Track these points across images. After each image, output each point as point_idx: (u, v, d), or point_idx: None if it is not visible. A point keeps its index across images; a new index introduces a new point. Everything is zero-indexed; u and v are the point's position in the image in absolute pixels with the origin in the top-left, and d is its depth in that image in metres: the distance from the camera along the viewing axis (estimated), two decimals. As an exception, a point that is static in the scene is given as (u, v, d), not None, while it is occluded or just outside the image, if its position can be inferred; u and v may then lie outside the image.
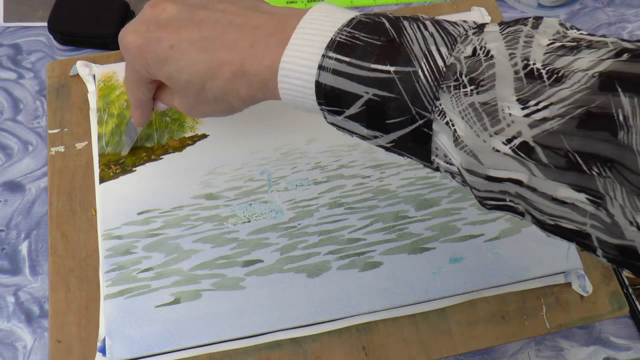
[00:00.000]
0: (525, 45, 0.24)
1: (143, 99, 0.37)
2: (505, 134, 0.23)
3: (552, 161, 0.22)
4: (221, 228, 0.43)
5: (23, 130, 0.51)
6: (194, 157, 0.46)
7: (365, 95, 0.26)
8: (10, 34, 0.57)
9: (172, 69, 0.32)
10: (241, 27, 0.31)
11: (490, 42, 0.25)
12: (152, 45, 0.32)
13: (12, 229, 0.47)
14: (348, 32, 0.27)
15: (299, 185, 0.45)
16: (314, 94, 0.28)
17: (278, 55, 0.29)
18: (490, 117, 0.23)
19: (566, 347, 0.45)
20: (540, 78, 0.23)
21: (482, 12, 0.54)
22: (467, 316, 0.41)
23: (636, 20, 0.61)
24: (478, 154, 0.24)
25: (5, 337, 0.43)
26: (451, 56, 0.25)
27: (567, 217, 0.23)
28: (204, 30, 0.31)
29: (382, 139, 0.28)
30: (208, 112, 0.34)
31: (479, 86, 0.24)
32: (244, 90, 0.31)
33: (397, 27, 0.27)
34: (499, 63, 0.24)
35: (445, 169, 0.27)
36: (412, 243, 0.43)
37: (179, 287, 0.41)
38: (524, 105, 0.23)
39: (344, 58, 0.27)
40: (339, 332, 0.40)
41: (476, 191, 0.26)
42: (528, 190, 0.24)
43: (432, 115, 0.25)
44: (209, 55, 0.31)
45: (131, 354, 0.38)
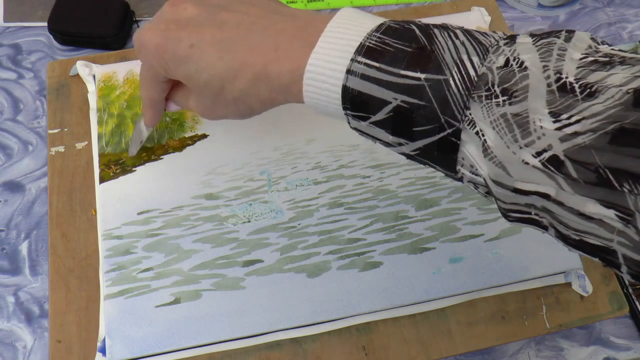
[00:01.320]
0: (558, 59, 0.24)
1: (156, 99, 0.37)
2: (535, 147, 0.23)
3: (581, 176, 0.22)
4: (221, 228, 0.43)
5: (23, 130, 0.51)
6: (194, 157, 0.46)
7: (393, 102, 0.26)
8: (10, 34, 0.57)
9: (191, 68, 0.31)
10: (264, 29, 0.30)
11: (524, 53, 0.24)
12: (171, 43, 0.31)
13: (12, 229, 0.47)
14: (377, 38, 0.27)
15: (299, 185, 0.45)
16: (340, 99, 0.28)
17: (303, 58, 0.28)
18: (521, 129, 0.23)
19: (566, 347, 0.45)
20: (573, 92, 0.23)
21: (482, 12, 0.54)
22: (467, 316, 0.41)
23: (636, 20, 0.61)
24: (507, 166, 0.24)
25: (5, 337, 0.43)
26: (483, 66, 0.25)
27: (593, 233, 0.23)
28: (225, 32, 0.31)
29: (406, 147, 0.27)
30: (225, 114, 0.34)
31: (512, 97, 0.23)
32: (264, 93, 0.30)
33: (427, 34, 0.26)
34: (532, 75, 0.24)
35: (469, 179, 0.26)
36: (412, 243, 0.43)
37: (179, 287, 0.41)
38: (555, 118, 0.22)
39: (374, 63, 0.26)
40: (339, 332, 0.40)
41: (501, 203, 0.26)
42: (555, 204, 0.24)
43: (462, 124, 0.25)
44: (231, 56, 0.30)
45: (131, 354, 0.38)
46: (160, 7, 0.59)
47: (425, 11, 0.55)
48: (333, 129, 0.47)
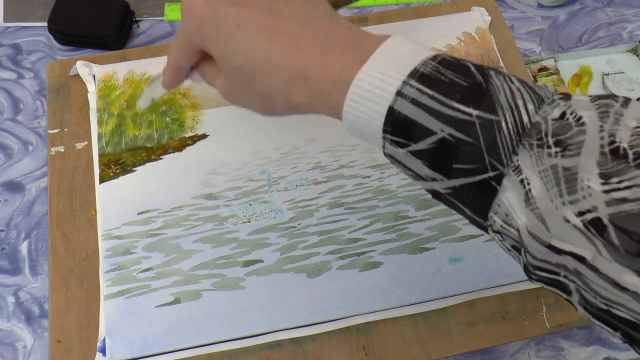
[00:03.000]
0: (614, 122, 0.23)
1: (182, 65, 0.35)
2: (579, 206, 0.22)
3: (623, 244, 0.21)
4: (221, 228, 0.43)
5: (23, 130, 0.51)
6: (194, 157, 0.46)
7: (439, 133, 0.25)
8: (10, 34, 0.57)
9: (228, 48, 0.30)
10: (317, 31, 0.29)
11: (582, 109, 0.24)
12: (218, 17, 0.30)
13: (12, 229, 0.47)
14: (433, 66, 0.26)
15: (299, 185, 0.45)
16: (382, 120, 0.26)
17: (351, 70, 0.27)
18: (568, 185, 0.22)
19: (566, 347, 0.45)
20: (626, 157, 0.22)
21: (482, 12, 0.54)
22: (467, 316, 0.41)
23: (636, 20, 0.61)
24: (547, 220, 0.23)
25: (5, 337, 0.43)
26: (537, 114, 0.24)
27: (625, 305, 0.22)
28: (277, 21, 0.29)
29: (440, 183, 0.26)
30: (247, 104, 0.32)
31: (566, 150, 0.23)
32: (297, 96, 0.29)
33: (483, 73, 0.26)
34: (589, 132, 0.23)
35: (498, 229, 0.25)
36: (412, 243, 0.43)
37: (179, 287, 0.41)
38: (605, 180, 0.22)
39: (427, 90, 0.25)
40: (339, 332, 0.40)
41: (531, 258, 0.25)
42: (589, 269, 0.23)
43: (506, 169, 0.24)
44: (273, 48, 0.29)
45: (131, 354, 0.38)
46: (161, 7, 0.59)
47: (425, 11, 0.55)
48: (333, 129, 0.47)
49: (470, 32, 0.52)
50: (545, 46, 0.59)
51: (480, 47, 0.52)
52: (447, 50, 0.52)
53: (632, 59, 0.58)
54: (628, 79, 0.56)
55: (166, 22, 0.59)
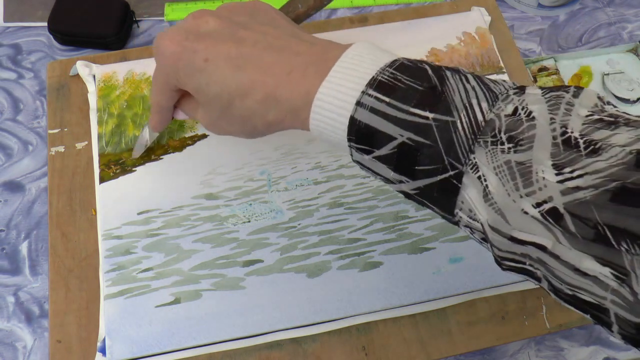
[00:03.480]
0: (565, 113, 0.24)
1: (165, 105, 0.37)
2: (536, 197, 0.23)
3: (580, 231, 0.22)
4: (221, 228, 0.43)
5: (23, 130, 0.51)
6: (194, 157, 0.46)
7: (399, 138, 0.26)
8: (10, 34, 0.57)
9: (202, 81, 0.31)
10: (280, 51, 0.30)
11: (533, 104, 0.25)
12: (187, 54, 0.32)
13: (12, 229, 0.47)
14: (390, 73, 0.27)
15: (299, 185, 0.45)
16: (346, 129, 0.28)
17: (315, 85, 0.28)
18: (524, 178, 0.23)
19: (566, 347, 0.45)
20: (577, 147, 0.23)
21: (482, 12, 0.54)
22: (467, 316, 0.41)
23: (636, 20, 0.61)
24: (506, 213, 0.24)
25: (5, 337, 0.43)
26: (491, 112, 0.25)
27: (587, 290, 0.23)
28: (242, 49, 0.31)
29: (406, 185, 0.27)
30: (229, 131, 0.34)
31: (518, 145, 0.24)
32: (272, 115, 0.30)
33: (439, 75, 0.27)
34: (539, 125, 0.24)
35: (466, 223, 0.26)
36: (412, 243, 0.43)
37: (179, 287, 0.41)
38: (558, 171, 0.23)
39: (384, 98, 0.26)
40: (339, 332, 0.40)
41: (497, 250, 0.26)
42: (551, 257, 0.24)
43: (464, 167, 0.25)
44: (243, 74, 0.30)
45: (131, 354, 0.38)
46: (161, 7, 0.59)
47: (425, 11, 0.55)
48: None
49: (470, 32, 0.52)
50: (545, 46, 0.59)
51: (480, 47, 0.52)
52: (447, 50, 0.52)
53: (632, 59, 0.58)
54: (628, 79, 0.56)
55: (166, 22, 0.59)
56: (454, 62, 0.51)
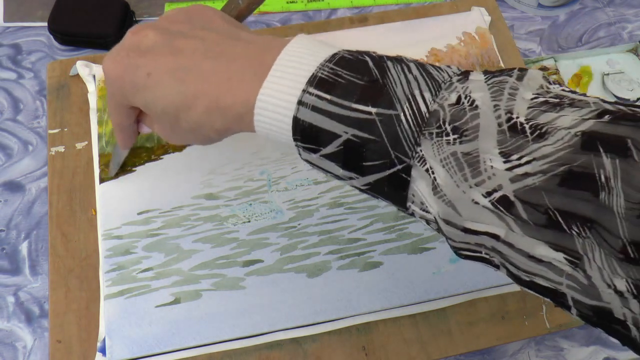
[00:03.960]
0: (509, 98, 0.24)
1: (125, 124, 0.36)
2: (485, 187, 0.23)
3: (531, 217, 0.22)
4: (221, 228, 0.43)
5: (23, 130, 0.51)
6: (194, 157, 0.46)
7: (344, 135, 0.26)
8: (10, 34, 0.57)
9: (148, 97, 0.31)
10: (218, 57, 0.30)
11: (475, 91, 0.24)
12: (130, 72, 0.31)
13: (12, 229, 0.47)
14: (330, 69, 0.26)
15: (299, 185, 0.45)
16: (291, 129, 0.27)
17: (255, 88, 0.28)
18: (472, 168, 0.23)
19: (566, 347, 0.45)
20: (524, 133, 0.23)
21: (482, 12, 0.54)
22: (467, 316, 0.41)
23: (636, 20, 0.61)
24: (456, 205, 0.24)
25: (5, 337, 0.43)
26: (435, 102, 0.25)
27: (543, 275, 0.23)
28: (180, 60, 0.30)
29: (357, 181, 0.27)
30: (186, 140, 0.33)
31: (462, 136, 0.23)
32: (218, 123, 0.30)
33: (380, 67, 0.26)
34: (483, 114, 0.23)
35: (420, 215, 0.26)
36: (412, 243, 0.43)
37: (179, 287, 0.41)
38: (506, 158, 0.22)
39: (325, 95, 0.26)
40: (339, 332, 0.40)
41: (451, 241, 0.26)
42: (505, 245, 0.23)
43: (412, 161, 0.24)
44: (185, 86, 0.30)
45: (131, 354, 0.38)
46: (161, 7, 0.59)
47: (425, 11, 0.55)
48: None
49: (470, 32, 0.52)
50: (545, 46, 0.59)
51: (480, 47, 0.52)
52: (447, 50, 0.52)
53: (632, 59, 0.58)
54: (628, 79, 0.56)
55: (166, 22, 0.59)
56: (454, 62, 0.51)
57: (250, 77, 0.28)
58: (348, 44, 0.30)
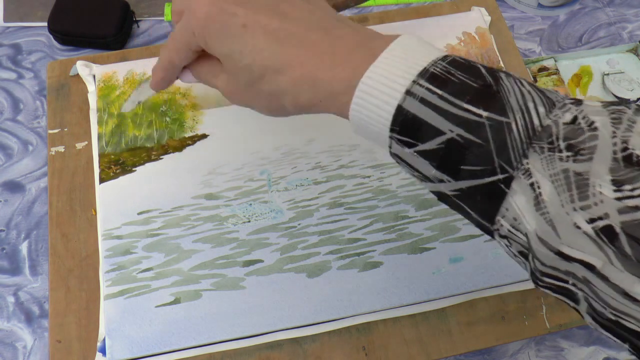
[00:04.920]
0: (627, 129, 0.23)
1: (176, 64, 0.34)
2: (590, 212, 0.22)
3: (635, 253, 0.21)
4: (221, 228, 0.43)
5: (23, 130, 0.51)
6: (194, 157, 0.46)
7: (448, 133, 0.24)
8: (10, 34, 0.57)
9: (235, 48, 0.29)
10: (325, 31, 0.29)
11: (594, 114, 0.24)
12: (224, 16, 0.29)
13: (12, 229, 0.47)
14: (443, 67, 0.26)
15: (299, 185, 0.45)
16: (390, 119, 0.26)
17: (360, 69, 0.27)
18: (579, 190, 0.22)
19: (566, 347, 0.45)
20: (638, 165, 0.22)
21: (482, 12, 0.54)
22: (467, 316, 0.41)
23: (636, 20, 0.61)
24: (557, 225, 0.23)
25: (5, 337, 0.43)
26: (548, 118, 0.24)
27: (635, 316, 0.22)
28: (284, 23, 0.29)
29: (447, 185, 0.26)
30: (252, 104, 0.32)
31: (578, 154, 0.22)
32: (306, 96, 0.29)
33: (493, 75, 0.25)
34: (602, 137, 0.23)
35: (506, 233, 0.25)
36: (412, 243, 0.43)
37: (179, 287, 0.41)
38: (617, 187, 0.21)
39: (437, 90, 0.25)
40: (339, 332, 0.40)
41: (539, 264, 0.24)
42: (598, 277, 0.22)
43: (516, 172, 0.23)
44: (282, 49, 0.28)
45: (131, 354, 0.38)
46: (161, 7, 0.59)
47: (425, 11, 0.55)
48: (333, 129, 0.47)
49: (470, 32, 0.52)
50: (545, 46, 0.59)
51: (480, 47, 0.52)
52: (447, 50, 0.52)
53: (632, 59, 0.58)
54: (628, 79, 0.56)
55: (166, 22, 0.59)
56: (454, 62, 0.51)
57: (357, 58, 0.27)
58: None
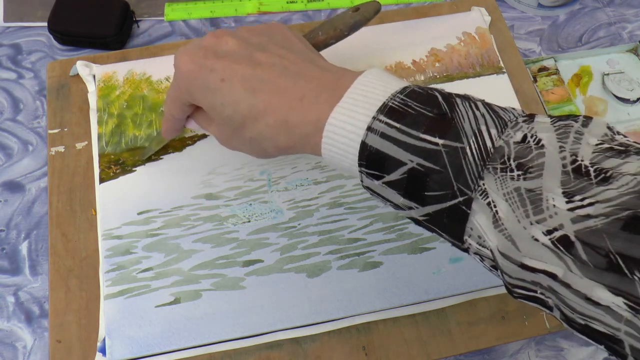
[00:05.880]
0: (574, 141, 0.24)
1: (177, 117, 0.37)
2: (546, 225, 0.23)
3: (591, 259, 0.22)
4: (221, 228, 0.43)
5: (23, 130, 0.51)
6: (194, 157, 0.46)
7: (409, 163, 0.26)
8: (10, 34, 0.57)
9: (217, 101, 0.32)
10: (295, 76, 0.31)
11: (542, 132, 0.25)
12: (203, 72, 0.32)
13: (12, 229, 0.47)
14: (401, 99, 0.27)
15: (299, 185, 0.45)
16: (357, 155, 0.28)
17: (326, 111, 0.29)
18: (534, 205, 0.23)
19: (566, 347, 0.45)
20: (588, 175, 0.23)
21: (482, 12, 0.54)
22: (467, 316, 0.41)
23: (636, 20, 0.61)
24: (516, 240, 0.24)
25: (5, 337, 0.43)
26: (500, 139, 0.25)
27: (600, 320, 0.23)
28: (257, 71, 0.31)
29: (416, 211, 0.27)
30: (240, 149, 0.34)
31: (527, 172, 0.24)
32: (282, 140, 0.31)
33: (449, 102, 0.27)
34: (549, 153, 0.24)
35: (475, 250, 0.26)
36: (412, 243, 0.43)
37: (179, 287, 0.41)
38: (568, 199, 0.23)
39: (395, 123, 0.27)
40: (339, 332, 0.40)
41: (507, 277, 0.25)
42: (562, 285, 0.23)
43: (474, 193, 0.25)
44: (257, 98, 0.31)
45: (131, 354, 0.38)
46: (161, 7, 0.59)
47: (425, 11, 0.55)
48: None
49: (470, 32, 0.52)
50: (545, 46, 0.59)
51: (480, 47, 0.52)
52: (447, 50, 0.52)
53: (632, 59, 0.58)
54: (628, 79, 0.56)
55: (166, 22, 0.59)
56: (454, 62, 0.51)
57: (323, 100, 0.29)
58: (347, 44, 0.30)
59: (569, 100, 0.54)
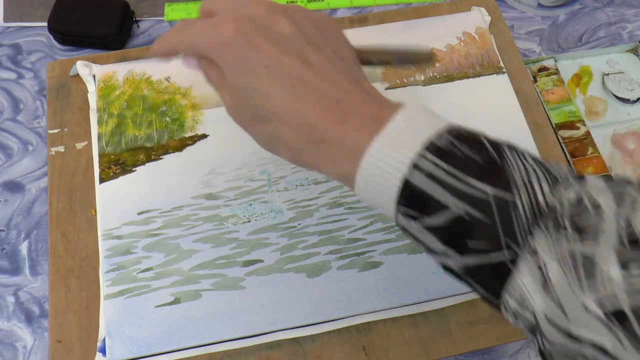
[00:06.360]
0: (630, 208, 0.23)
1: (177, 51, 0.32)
2: (599, 294, 0.22)
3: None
4: (221, 228, 0.43)
5: (23, 130, 0.51)
6: (194, 157, 0.46)
7: (455, 209, 0.24)
8: (10, 34, 0.57)
9: (250, 85, 0.28)
10: (341, 94, 0.28)
11: (599, 194, 0.23)
12: (247, 49, 0.28)
13: (12, 229, 0.47)
14: (448, 140, 0.25)
15: (299, 185, 0.45)
16: (396, 192, 0.26)
17: (366, 140, 0.26)
18: (587, 272, 0.22)
19: (566, 347, 0.45)
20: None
21: (482, 12, 0.54)
22: (467, 316, 0.41)
23: (636, 20, 0.61)
24: (565, 306, 0.22)
25: (5, 337, 0.43)
26: (553, 195, 0.24)
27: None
28: (306, 72, 0.28)
29: (452, 259, 0.25)
30: (250, 133, 0.31)
31: (583, 235, 0.22)
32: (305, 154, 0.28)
33: (497, 149, 0.25)
34: (607, 218, 0.23)
35: (513, 310, 0.25)
36: (412, 243, 0.43)
37: (179, 287, 0.41)
38: (624, 269, 0.21)
39: (442, 164, 0.25)
40: (339, 332, 0.40)
41: (546, 342, 0.24)
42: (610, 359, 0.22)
43: (522, 250, 0.23)
44: (296, 101, 0.27)
45: (131, 354, 0.38)
46: (161, 7, 0.59)
47: (425, 11, 0.55)
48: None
49: (470, 32, 0.52)
50: (545, 46, 0.59)
51: (480, 47, 0.52)
52: (447, 50, 0.52)
53: (632, 59, 0.58)
54: (628, 79, 0.56)
55: (166, 22, 0.59)
56: (454, 62, 0.51)
57: (365, 128, 0.27)
58: (348, 44, 0.29)
59: (569, 100, 0.54)
